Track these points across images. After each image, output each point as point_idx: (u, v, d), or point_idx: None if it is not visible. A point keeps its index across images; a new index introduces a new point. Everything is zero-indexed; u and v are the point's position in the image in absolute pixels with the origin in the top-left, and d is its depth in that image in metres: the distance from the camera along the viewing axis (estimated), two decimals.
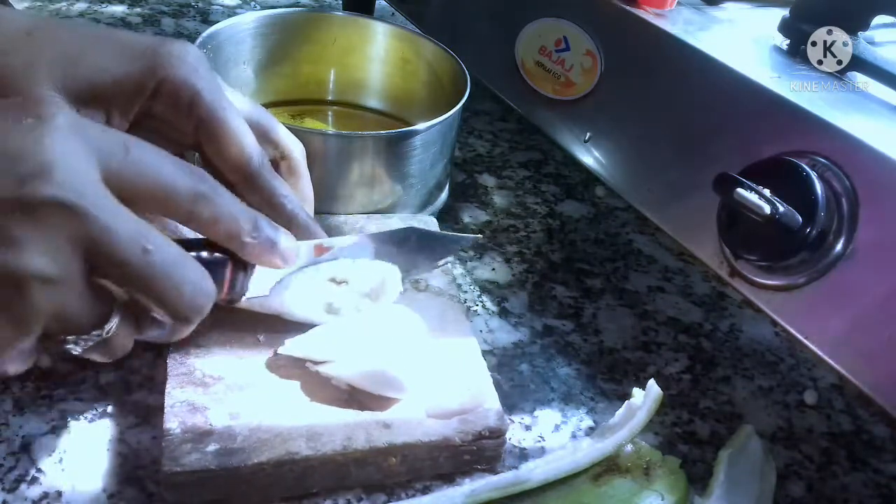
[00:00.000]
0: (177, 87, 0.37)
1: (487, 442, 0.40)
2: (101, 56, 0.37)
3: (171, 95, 0.38)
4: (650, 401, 0.43)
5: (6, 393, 0.40)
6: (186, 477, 0.35)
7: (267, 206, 0.41)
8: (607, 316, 0.54)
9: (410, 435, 0.39)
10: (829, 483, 0.45)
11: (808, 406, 0.50)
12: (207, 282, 0.32)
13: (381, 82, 0.67)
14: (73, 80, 0.36)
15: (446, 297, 0.47)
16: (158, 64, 0.37)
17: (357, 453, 0.38)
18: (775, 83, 0.45)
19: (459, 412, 0.40)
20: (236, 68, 0.61)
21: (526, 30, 0.60)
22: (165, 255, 0.30)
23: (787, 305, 0.42)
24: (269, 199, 0.41)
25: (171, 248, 0.31)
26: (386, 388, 0.40)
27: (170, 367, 0.40)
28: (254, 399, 0.39)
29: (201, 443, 0.36)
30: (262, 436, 0.37)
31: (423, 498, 0.38)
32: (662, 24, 0.51)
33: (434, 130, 0.52)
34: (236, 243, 0.34)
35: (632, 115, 0.53)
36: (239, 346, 0.42)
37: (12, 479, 0.37)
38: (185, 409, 0.38)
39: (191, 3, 0.91)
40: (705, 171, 0.44)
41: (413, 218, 0.53)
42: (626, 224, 0.64)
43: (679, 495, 0.40)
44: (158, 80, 0.37)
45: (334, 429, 0.38)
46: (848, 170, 0.40)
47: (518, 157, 0.71)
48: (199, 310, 0.32)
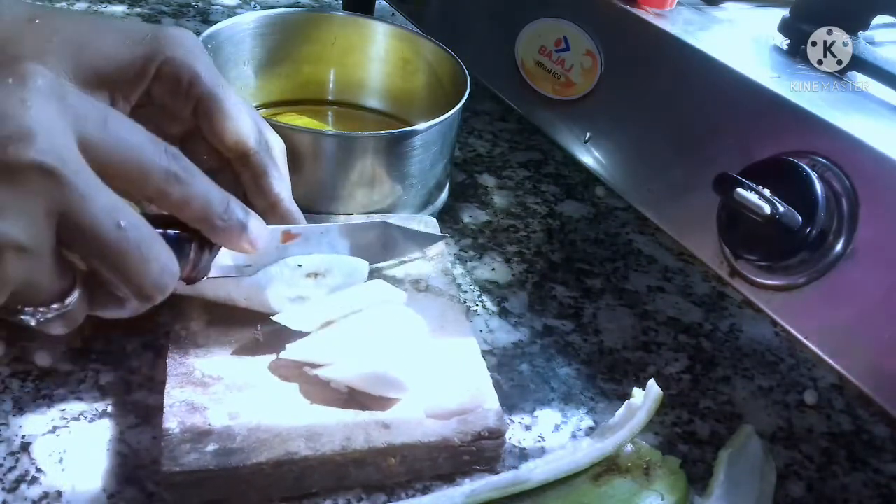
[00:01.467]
0: (177, 69, 0.39)
1: (487, 443, 0.40)
2: (105, 42, 0.38)
3: (171, 77, 0.39)
4: (650, 401, 0.43)
5: (6, 393, 0.41)
6: (185, 477, 0.35)
7: (255, 186, 0.42)
8: (607, 316, 0.54)
9: (409, 435, 0.39)
10: (829, 483, 0.45)
11: (808, 406, 0.50)
12: (174, 262, 0.32)
13: (381, 82, 0.67)
14: (80, 66, 0.37)
15: (446, 298, 0.47)
16: (159, 48, 0.38)
17: (356, 454, 0.38)
18: (775, 83, 0.45)
19: (459, 413, 0.40)
20: (236, 68, 0.61)
21: (526, 30, 0.60)
22: (137, 233, 0.30)
23: (787, 305, 0.42)
24: (260, 178, 0.42)
25: (143, 226, 0.30)
26: (387, 389, 0.40)
27: (169, 367, 0.40)
28: (253, 399, 0.39)
29: (200, 443, 0.36)
30: (261, 436, 0.37)
31: (423, 498, 0.38)
32: (662, 24, 0.51)
33: (434, 130, 0.52)
34: (205, 225, 0.34)
35: (632, 115, 0.53)
36: (239, 346, 0.42)
37: (12, 479, 0.37)
38: (185, 409, 0.38)
39: (191, 3, 0.91)
40: (705, 171, 0.44)
41: (413, 218, 0.53)
42: (626, 224, 0.64)
43: (679, 495, 0.40)
44: (160, 62, 0.38)
45: (333, 429, 0.38)
46: (848, 170, 0.40)
47: (518, 157, 0.71)
48: (163, 289, 0.32)
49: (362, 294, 0.43)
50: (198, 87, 0.39)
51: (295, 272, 0.42)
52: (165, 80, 0.39)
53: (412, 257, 0.50)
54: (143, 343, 0.45)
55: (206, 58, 0.40)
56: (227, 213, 0.34)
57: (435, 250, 0.51)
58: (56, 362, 0.43)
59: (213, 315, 0.43)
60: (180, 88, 0.39)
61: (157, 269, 0.31)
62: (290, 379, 0.41)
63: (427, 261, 0.50)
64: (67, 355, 0.43)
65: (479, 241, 0.59)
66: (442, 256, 0.51)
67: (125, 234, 0.29)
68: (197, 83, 0.39)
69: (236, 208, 0.35)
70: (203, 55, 0.40)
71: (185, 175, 0.32)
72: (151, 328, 0.45)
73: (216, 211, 0.34)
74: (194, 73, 0.39)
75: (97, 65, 0.37)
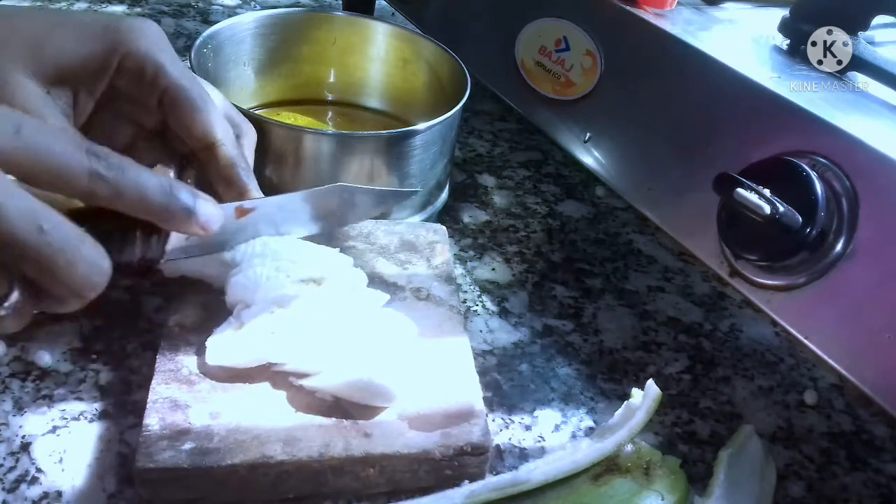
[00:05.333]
0: (140, 61, 0.39)
1: (469, 458, 0.39)
2: (65, 38, 0.38)
3: (134, 70, 0.39)
4: (649, 401, 0.42)
5: (6, 393, 0.41)
6: (160, 474, 0.35)
7: (221, 178, 0.42)
8: (607, 316, 0.54)
9: (389, 446, 0.38)
10: (829, 483, 0.45)
11: (808, 406, 0.50)
12: (103, 259, 0.32)
13: (381, 82, 0.67)
14: (41, 64, 0.37)
15: (446, 308, 0.47)
16: (119, 40, 0.39)
17: (334, 461, 0.37)
18: (775, 83, 0.45)
19: (443, 425, 0.39)
20: (236, 68, 0.61)
21: (526, 30, 0.60)
22: (61, 234, 0.30)
23: (787, 305, 0.42)
24: (226, 170, 0.42)
25: (66, 227, 0.30)
26: (374, 398, 0.39)
27: (158, 363, 0.39)
28: (237, 400, 0.39)
29: (178, 441, 0.36)
30: (239, 437, 0.37)
31: (422, 498, 0.38)
32: (662, 24, 0.51)
33: (434, 130, 0.52)
34: (146, 215, 0.34)
35: (632, 115, 0.53)
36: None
37: (12, 479, 0.37)
38: (167, 406, 0.37)
39: (191, 3, 0.91)
40: (705, 171, 0.44)
41: (421, 226, 0.53)
42: (626, 224, 0.64)
43: (679, 495, 0.40)
44: (122, 55, 0.39)
45: (313, 435, 0.37)
46: (848, 170, 0.40)
47: (518, 157, 0.71)
48: (94, 287, 0.32)
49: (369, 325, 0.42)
50: (163, 78, 0.39)
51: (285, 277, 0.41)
52: (128, 72, 0.39)
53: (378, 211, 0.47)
54: (143, 343, 0.45)
55: (170, 48, 0.41)
56: (170, 199, 0.34)
57: (440, 258, 0.51)
58: (56, 362, 0.43)
59: (208, 312, 0.43)
60: (144, 80, 0.39)
61: (84, 269, 0.31)
62: (277, 380, 0.40)
63: (431, 268, 0.50)
64: (67, 355, 0.43)
65: (479, 241, 0.59)
66: (447, 264, 0.50)
67: (47, 237, 0.29)
68: (162, 75, 0.39)
69: (180, 193, 0.34)
70: (167, 45, 0.40)
71: (110, 172, 0.32)
72: (151, 328, 0.45)
73: (154, 200, 0.33)
74: (158, 64, 0.39)
75: (58, 62, 0.38)
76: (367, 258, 0.49)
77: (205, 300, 0.43)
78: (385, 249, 0.50)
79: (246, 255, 0.41)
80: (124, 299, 0.47)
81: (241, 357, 0.39)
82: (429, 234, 0.52)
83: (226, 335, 0.40)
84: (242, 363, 0.39)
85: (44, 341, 0.43)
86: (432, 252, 0.51)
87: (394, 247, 0.51)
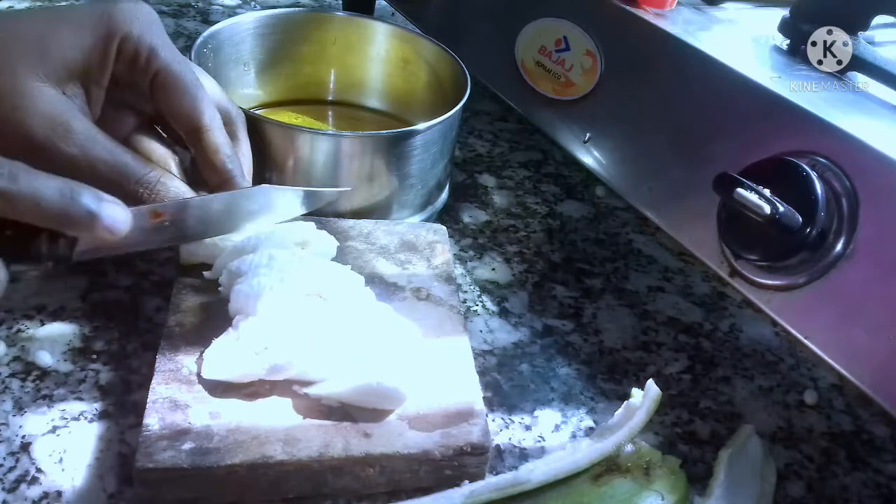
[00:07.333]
0: (135, 44, 0.40)
1: (469, 459, 0.39)
2: (64, 36, 0.39)
3: (130, 53, 0.40)
4: (649, 401, 0.43)
5: (6, 393, 0.40)
6: (159, 474, 0.35)
7: (206, 163, 0.42)
8: (607, 316, 0.54)
9: (389, 446, 0.38)
10: (829, 483, 0.45)
11: (808, 406, 0.50)
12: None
13: (381, 82, 0.67)
14: (49, 65, 0.37)
15: (446, 308, 0.47)
16: (114, 26, 0.39)
17: (333, 461, 0.37)
18: (775, 83, 0.45)
19: (443, 425, 0.39)
20: (236, 68, 0.61)
21: (526, 30, 0.60)
22: None
23: (787, 305, 0.42)
24: (211, 155, 0.42)
25: None
26: (383, 402, 0.39)
27: (158, 363, 0.39)
28: (236, 400, 0.38)
29: (177, 440, 0.36)
30: (239, 437, 0.37)
31: (422, 498, 0.38)
32: (662, 24, 0.51)
33: (434, 130, 0.52)
34: (45, 222, 0.34)
35: (632, 115, 0.53)
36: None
37: (12, 479, 0.37)
38: (167, 406, 0.37)
39: (191, 3, 0.91)
40: (705, 171, 0.44)
41: (421, 226, 0.53)
42: (626, 224, 0.64)
43: (679, 495, 0.40)
44: (119, 40, 0.39)
45: (313, 435, 0.37)
46: (848, 170, 0.40)
47: (518, 157, 0.71)
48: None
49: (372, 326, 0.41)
50: (155, 61, 0.40)
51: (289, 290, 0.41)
52: (125, 55, 0.40)
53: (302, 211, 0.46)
54: (143, 343, 0.45)
55: (162, 31, 0.41)
56: (70, 204, 0.33)
57: (441, 258, 0.51)
58: (56, 362, 0.43)
59: (209, 312, 0.43)
60: (139, 64, 0.40)
61: None
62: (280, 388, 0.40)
63: (431, 268, 0.50)
64: (67, 355, 0.43)
65: (479, 241, 0.59)
66: (447, 264, 0.50)
67: None
68: (154, 57, 0.40)
69: (83, 198, 0.34)
70: (159, 29, 0.41)
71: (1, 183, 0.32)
72: (151, 328, 0.45)
73: (51, 206, 0.33)
74: (150, 46, 0.40)
75: (64, 60, 0.38)
76: (366, 258, 0.49)
77: (205, 301, 0.43)
78: (385, 249, 0.50)
79: (252, 266, 0.42)
80: (124, 299, 0.47)
81: (236, 371, 0.39)
82: (429, 234, 0.52)
83: (222, 349, 0.39)
84: (237, 378, 0.39)
85: (44, 341, 0.43)
86: (432, 252, 0.51)
87: (394, 247, 0.51)
